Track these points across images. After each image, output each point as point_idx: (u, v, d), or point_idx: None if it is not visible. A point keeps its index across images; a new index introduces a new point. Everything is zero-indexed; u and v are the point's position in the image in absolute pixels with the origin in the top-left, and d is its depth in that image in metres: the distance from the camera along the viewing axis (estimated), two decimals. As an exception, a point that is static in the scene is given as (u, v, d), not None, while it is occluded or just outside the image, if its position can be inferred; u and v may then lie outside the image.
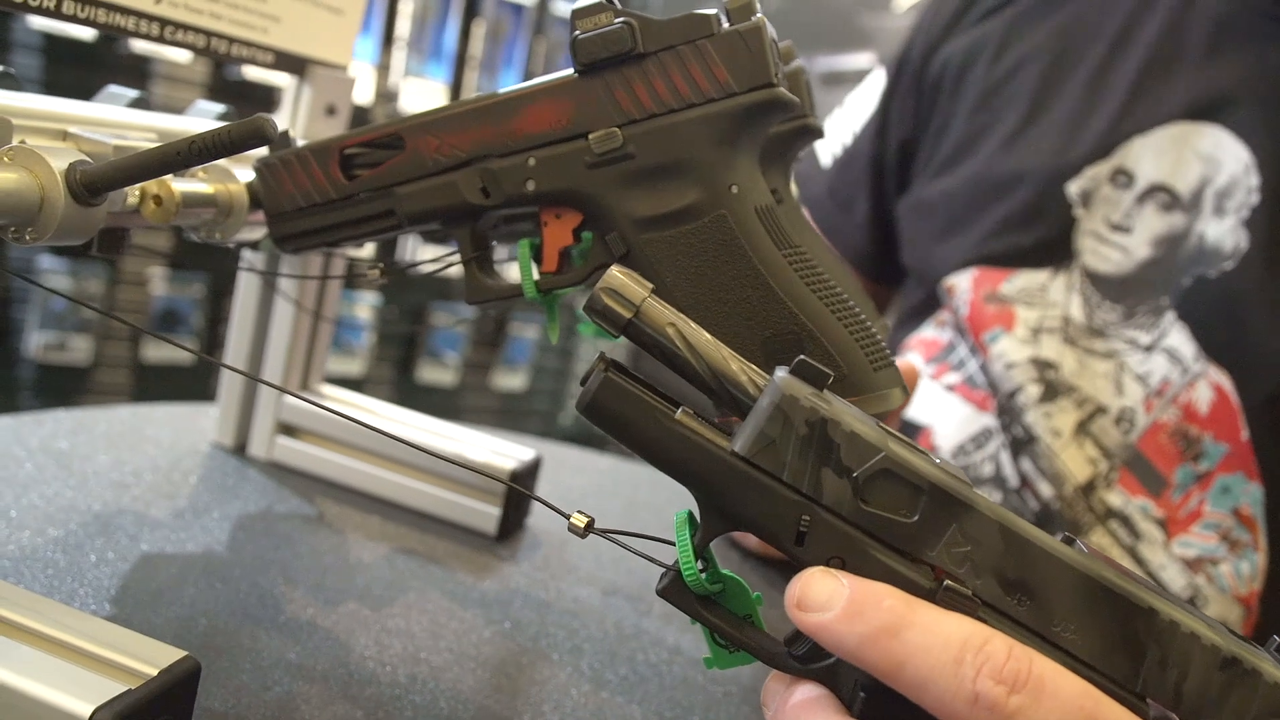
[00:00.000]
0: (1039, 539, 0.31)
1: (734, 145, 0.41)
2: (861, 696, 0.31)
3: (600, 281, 0.32)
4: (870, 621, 0.29)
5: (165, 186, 0.44)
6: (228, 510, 0.61)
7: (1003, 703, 0.28)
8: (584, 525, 0.34)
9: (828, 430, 0.31)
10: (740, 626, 0.34)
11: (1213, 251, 0.71)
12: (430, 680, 0.49)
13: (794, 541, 0.31)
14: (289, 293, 0.68)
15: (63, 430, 0.67)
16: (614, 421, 0.32)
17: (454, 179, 0.44)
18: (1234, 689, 0.30)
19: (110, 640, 0.36)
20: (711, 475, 0.32)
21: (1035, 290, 0.78)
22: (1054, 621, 0.31)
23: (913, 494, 0.31)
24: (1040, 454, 0.75)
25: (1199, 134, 0.73)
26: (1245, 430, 0.67)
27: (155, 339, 1.99)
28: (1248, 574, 0.68)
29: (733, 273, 0.41)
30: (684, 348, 0.32)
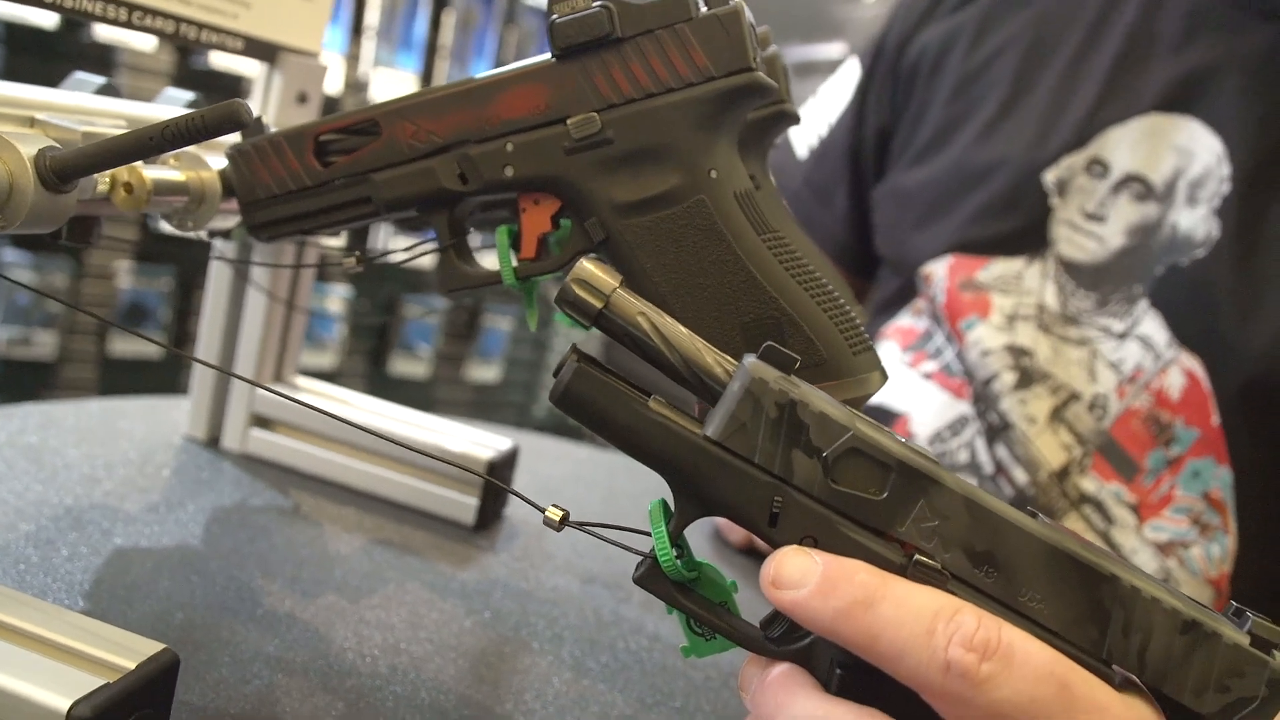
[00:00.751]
0: (1004, 512, 0.31)
1: (713, 130, 0.41)
2: (838, 674, 0.32)
3: (570, 273, 0.32)
4: (844, 596, 0.30)
5: (136, 173, 0.43)
6: (202, 503, 0.60)
7: (974, 670, 0.29)
8: (559, 519, 0.34)
9: (797, 412, 0.31)
10: (716, 612, 0.34)
11: (1185, 240, 0.72)
12: (411, 671, 0.48)
13: (768, 523, 0.32)
14: (261, 283, 0.67)
15: (32, 425, 0.66)
16: (587, 411, 0.32)
17: (431, 165, 0.43)
18: (1196, 652, 0.31)
19: (86, 634, 0.36)
20: (685, 461, 0.32)
21: (1011, 278, 0.78)
22: (1020, 592, 0.31)
23: (881, 472, 0.31)
24: (1015, 440, 0.76)
25: (1173, 125, 0.74)
26: (1216, 415, 0.68)
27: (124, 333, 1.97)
28: (1218, 556, 0.69)
29: (712, 258, 0.41)
30: (655, 337, 0.32)
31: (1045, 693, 0.29)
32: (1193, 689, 0.31)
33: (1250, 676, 0.31)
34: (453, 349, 2.42)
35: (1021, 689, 0.29)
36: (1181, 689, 0.31)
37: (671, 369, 0.33)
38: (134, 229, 1.91)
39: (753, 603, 0.36)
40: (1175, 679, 0.31)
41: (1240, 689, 0.31)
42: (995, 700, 0.29)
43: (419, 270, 2.27)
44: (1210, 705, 0.31)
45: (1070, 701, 0.29)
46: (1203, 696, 0.31)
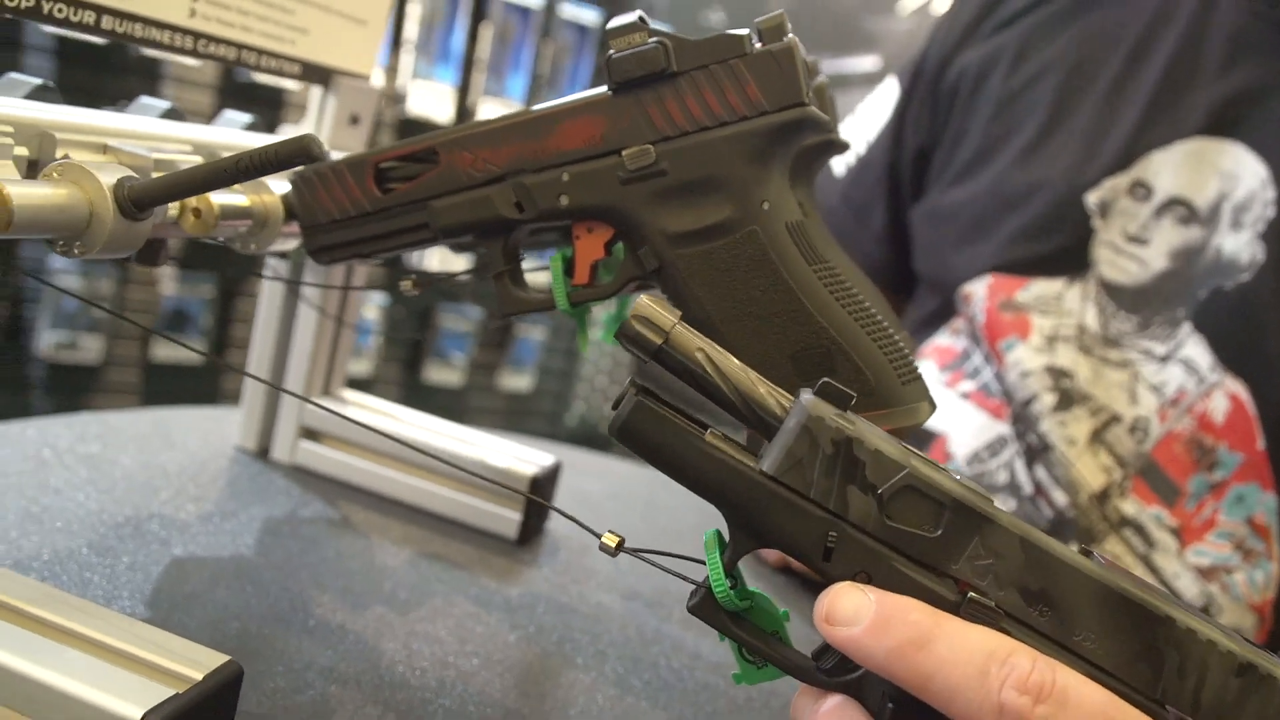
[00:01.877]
0: (1059, 551, 0.32)
1: (766, 162, 0.42)
2: (890, 708, 0.32)
3: (631, 310, 0.33)
4: (897, 635, 0.30)
5: (205, 199, 0.45)
6: (254, 514, 0.62)
7: (1028, 713, 0.29)
8: (615, 545, 0.35)
9: (853, 449, 0.32)
10: (768, 642, 0.35)
11: (1229, 264, 0.72)
12: (459, 684, 0.49)
13: (822, 558, 0.32)
14: (313, 299, 0.69)
15: (90, 434, 0.68)
16: (646, 444, 0.33)
17: (488, 193, 0.45)
18: (1251, 694, 0.31)
19: (154, 645, 0.37)
20: (741, 495, 0.32)
21: (1051, 298, 0.78)
22: (1075, 631, 0.31)
23: (936, 509, 0.32)
24: (1055, 462, 0.76)
25: (1218, 150, 0.74)
26: (1261, 440, 0.68)
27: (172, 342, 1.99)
28: (1261, 583, 0.68)
29: (763, 287, 0.42)
30: (713, 372, 0.33)
31: None
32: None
33: None
34: (486, 358, 2.44)
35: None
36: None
37: (728, 403, 0.33)
38: (178, 237, 1.94)
39: (803, 630, 0.37)
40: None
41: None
42: None
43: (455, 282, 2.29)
44: None
45: None
46: None
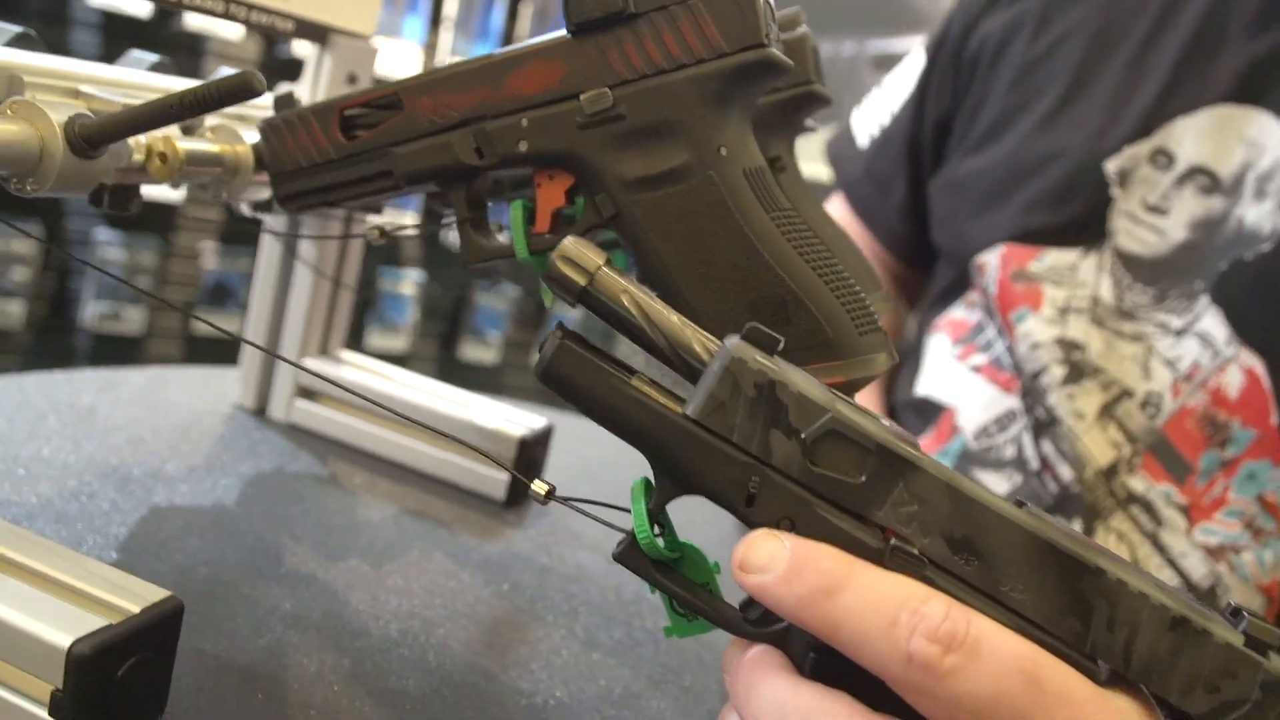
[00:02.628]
0: (987, 499, 0.30)
1: (723, 107, 0.41)
2: (811, 657, 0.31)
3: (555, 250, 0.32)
4: (808, 582, 0.29)
5: (170, 144, 0.45)
6: (242, 468, 0.62)
7: (937, 662, 0.28)
8: (544, 492, 0.35)
9: (776, 392, 0.31)
10: (696, 592, 0.34)
11: (1251, 234, 0.69)
12: (422, 635, 0.49)
13: (745, 503, 0.31)
14: (309, 260, 0.69)
15: (89, 388, 0.69)
16: (570, 387, 0.32)
17: (449, 139, 0.44)
18: (1184, 649, 0.30)
19: (96, 578, 0.37)
20: (664, 438, 0.32)
21: (1064, 269, 0.76)
22: (1002, 581, 0.30)
23: (860, 455, 0.31)
24: (1062, 436, 0.74)
25: (1244, 118, 0.71)
26: (1275, 415, 0.66)
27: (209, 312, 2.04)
28: (1270, 563, 0.66)
29: (719, 235, 0.41)
30: (638, 315, 0.32)
31: (1013, 686, 0.28)
32: (1180, 688, 0.30)
33: (1242, 678, 0.30)
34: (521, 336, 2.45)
35: (987, 682, 0.28)
36: (1168, 687, 0.30)
37: (655, 348, 0.33)
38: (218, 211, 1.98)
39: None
40: (1162, 676, 0.30)
41: (1231, 690, 0.30)
42: (960, 693, 0.28)
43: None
44: (1199, 705, 0.30)
45: (1040, 696, 0.28)
46: (1191, 696, 0.30)
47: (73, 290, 1.90)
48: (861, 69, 2.49)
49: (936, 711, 0.29)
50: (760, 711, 0.31)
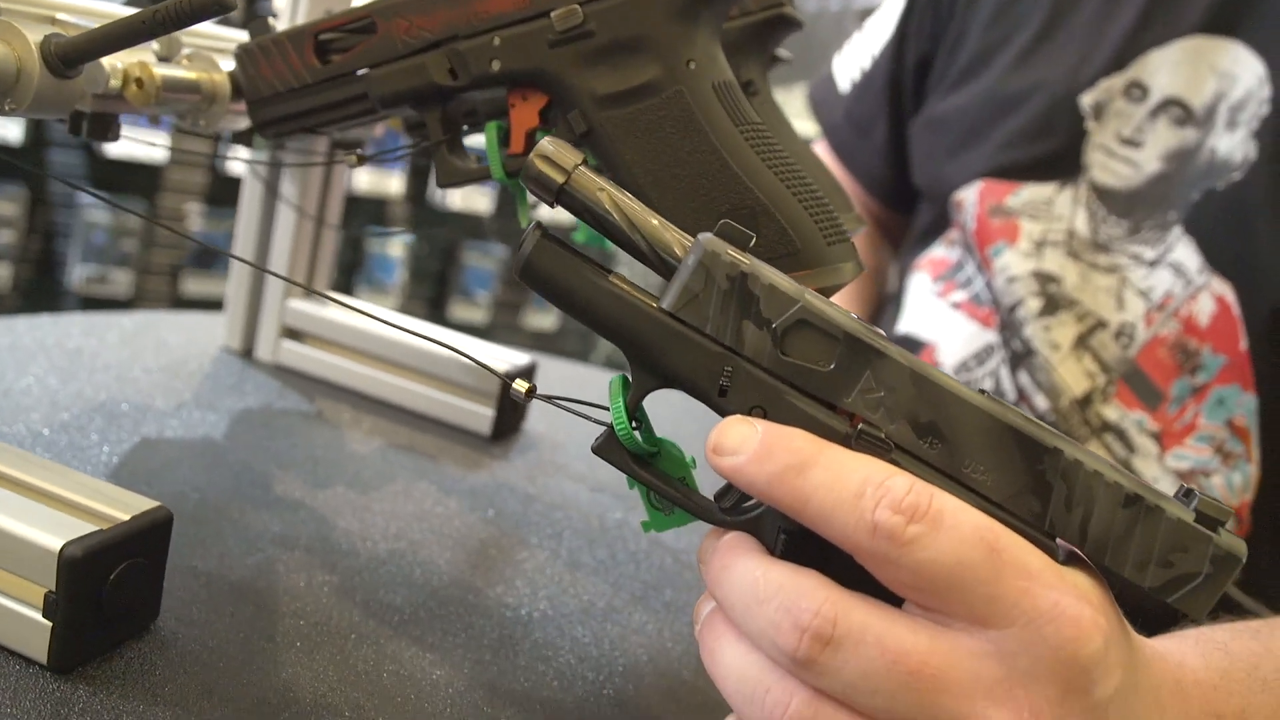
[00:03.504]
0: (949, 385, 0.31)
1: (691, 21, 0.41)
2: (782, 538, 0.32)
3: (534, 150, 0.33)
4: (779, 460, 0.30)
5: (147, 70, 0.46)
6: (229, 404, 0.63)
7: (900, 531, 0.29)
8: (525, 391, 0.36)
9: (747, 283, 0.32)
10: (673, 485, 0.35)
11: (1223, 164, 0.70)
12: (408, 554, 0.51)
13: (718, 393, 0.32)
14: (291, 199, 0.70)
15: (78, 331, 0.70)
16: (548, 283, 0.33)
17: (423, 61, 0.45)
18: (1137, 526, 0.31)
19: (87, 489, 0.39)
20: (640, 331, 0.33)
21: (1041, 203, 0.77)
22: (964, 463, 0.31)
23: (829, 343, 0.32)
24: (1038, 367, 0.75)
25: (1216, 49, 0.71)
26: (1244, 340, 0.67)
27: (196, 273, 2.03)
28: (1239, 485, 0.67)
29: (689, 148, 0.41)
30: (615, 212, 0.33)
31: (973, 556, 0.29)
32: (1134, 563, 0.31)
33: (1194, 553, 0.31)
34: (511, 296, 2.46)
35: (948, 551, 0.29)
36: (1123, 562, 0.31)
37: (632, 245, 0.33)
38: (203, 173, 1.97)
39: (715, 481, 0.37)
40: (1117, 552, 0.31)
41: (1184, 565, 0.31)
42: (921, 561, 0.29)
43: (478, 217, 2.30)
44: (1153, 580, 0.31)
45: (998, 565, 0.29)
46: (1145, 571, 0.31)
47: (59, 253, 1.90)
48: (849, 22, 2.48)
49: (899, 580, 0.30)
50: (732, 591, 0.32)
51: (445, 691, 0.41)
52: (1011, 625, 0.29)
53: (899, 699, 0.29)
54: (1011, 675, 0.29)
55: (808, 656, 0.29)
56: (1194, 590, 0.31)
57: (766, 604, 0.30)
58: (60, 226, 1.88)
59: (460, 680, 0.42)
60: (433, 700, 0.40)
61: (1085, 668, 0.29)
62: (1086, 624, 0.29)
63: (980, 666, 0.29)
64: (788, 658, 0.30)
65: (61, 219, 1.89)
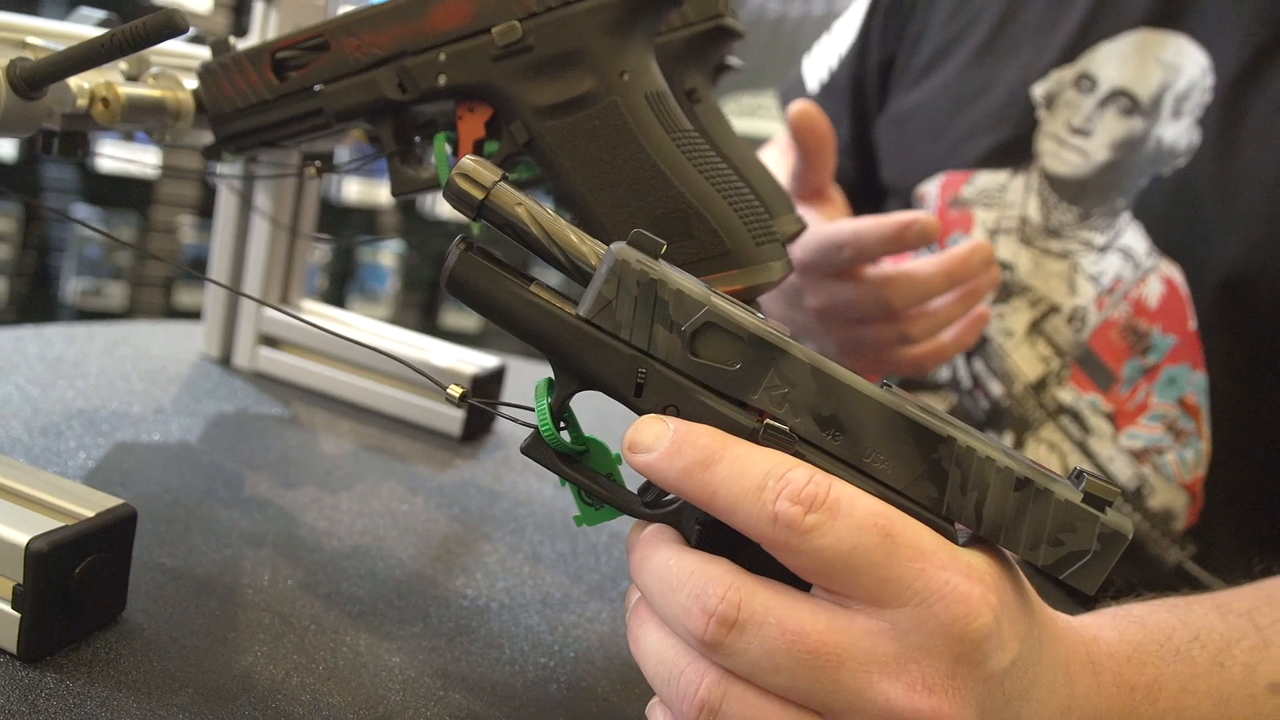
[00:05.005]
0: (849, 379, 0.33)
1: (624, 35, 0.44)
2: (697, 529, 0.34)
3: (455, 168, 0.35)
4: (687, 456, 0.32)
5: (112, 89, 0.48)
6: (205, 410, 0.65)
7: (799, 521, 0.31)
8: (459, 395, 0.38)
9: (657, 290, 0.34)
10: (599, 481, 0.37)
11: (1169, 151, 0.72)
12: (372, 549, 0.53)
13: (634, 394, 0.35)
14: (264, 210, 0.72)
15: (60, 340, 0.72)
16: (472, 293, 0.35)
17: (374, 76, 0.47)
18: (1029, 508, 0.33)
19: (54, 488, 0.41)
20: (559, 337, 0.35)
21: (994, 190, 0.79)
22: (865, 453, 0.33)
23: (735, 344, 0.34)
24: (991, 354, 0.77)
25: (1161, 42, 0.74)
26: (1193, 320, 0.69)
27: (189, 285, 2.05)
28: (1192, 461, 0.69)
29: (625, 156, 0.43)
30: (533, 225, 0.35)
31: (867, 540, 0.31)
32: (1027, 543, 0.33)
33: (1082, 531, 0.33)
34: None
35: (844, 537, 0.31)
36: (1016, 543, 0.33)
37: (551, 256, 0.35)
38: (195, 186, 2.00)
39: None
40: (1010, 534, 0.33)
41: (1073, 543, 0.33)
42: (820, 548, 0.31)
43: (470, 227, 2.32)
44: (1045, 558, 0.33)
45: (892, 549, 0.31)
46: (1037, 550, 0.33)
47: (53, 267, 1.92)
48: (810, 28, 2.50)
49: (802, 566, 0.32)
50: (650, 579, 0.34)
51: (399, 676, 0.43)
52: (905, 604, 0.31)
53: (800, 676, 0.31)
54: (905, 651, 0.31)
55: (714, 639, 0.31)
56: (1083, 567, 0.33)
57: (679, 591, 0.32)
58: (54, 241, 1.91)
59: (414, 666, 0.44)
60: (386, 684, 0.42)
61: (975, 642, 0.31)
62: (976, 601, 0.31)
63: (875, 644, 0.31)
64: (698, 640, 0.32)
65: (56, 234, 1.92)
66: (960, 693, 0.31)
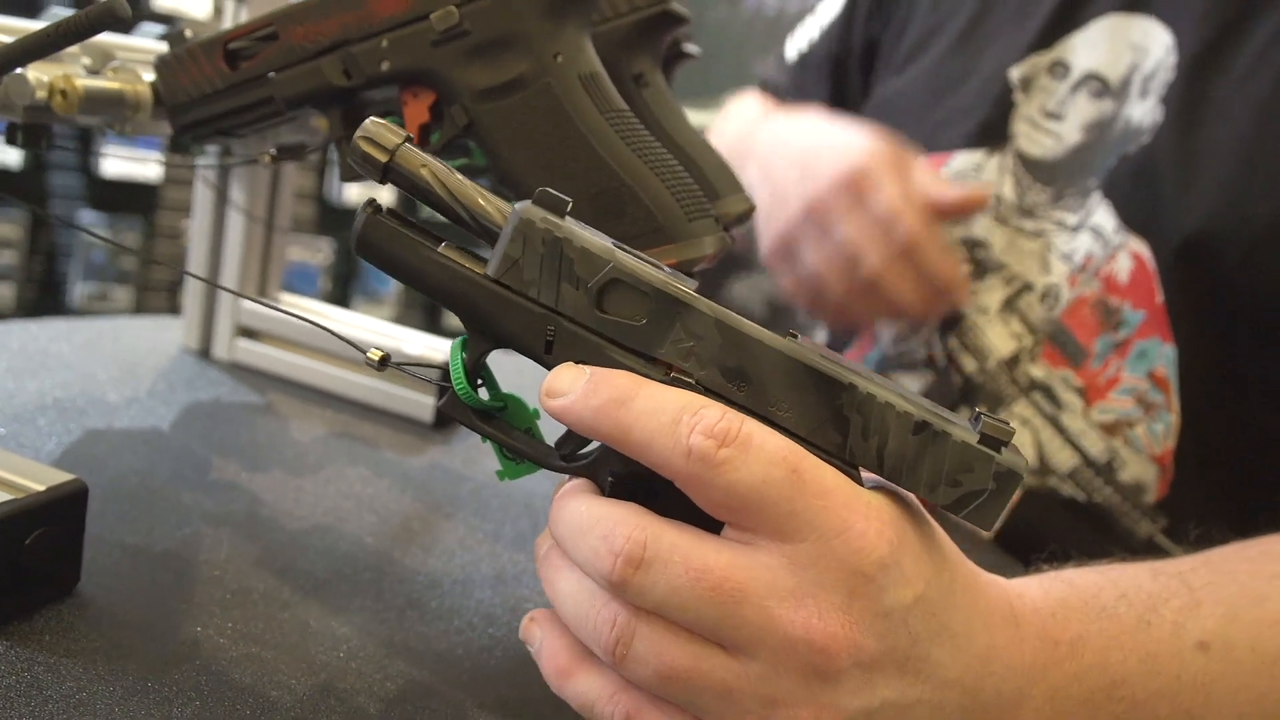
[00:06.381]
0: (753, 331, 0.34)
1: (558, 18, 0.45)
2: (610, 480, 0.36)
3: (357, 131, 0.36)
4: (603, 395, 0.33)
5: (69, 82, 0.49)
6: (180, 399, 0.67)
7: (712, 454, 0.32)
8: (379, 359, 0.39)
9: (562, 248, 0.35)
10: (517, 437, 0.38)
11: (1135, 130, 0.73)
12: (333, 528, 0.54)
13: (544, 350, 0.36)
14: (239, 203, 0.73)
15: (45, 335, 0.74)
16: (381, 255, 0.36)
17: (320, 64, 0.48)
18: (927, 450, 0.34)
19: (8, 466, 0.42)
20: (469, 297, 0.36)
21: (970, 170, 0.80)
22: (770, 403, 0.34)
23: (641, 299, 0.35)
24: (966, 330, 0.78)
25: (1130, 25, 0.75)
26: (1160, 293, 0.70)
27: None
28: (1162, 433, 0.70)
29: (559, 136, 0.44)
30: (438, 187, 0.36)
31: (776, 475, 0.32)
32: (927, 484, 0.34)
33: (979, 471, 0.34)
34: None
35: (755, 471, 0.32)
36: (917, 484, 0.34)
37: (457, 217, 0.36)
38: (199, 189, 2.02)
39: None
40: (911, 475, 0.34)
41: (970, 483, 0.34)
42: (732, 481, 0.32)
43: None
44: (944, 499, 0.34)
45: (800, 484, 0.32)
46: (936, 491, 0.34)
47: (60, 272, 1.95)
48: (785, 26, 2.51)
49: (712, 501, 0.33)
50: (562, 525, 0.35)
51: (344, 646, 0.44)
52: (805, 539, 0.32)
53: (705, 611, 0.32)
54: (802, 585, 0.32)
55: (621, 578, 0.33)
56: (980, 506, 0.34)
57: (589, 534, 0.34)
58: (61, 246, 1.94)
59: (360, 637, 0.45)
60: (330, 653, 0.43)
61: (870, 576, 0.32)
62: (872, 536, 0.32)
63: (775, 578, 0.32)
64: (606, 580, 0.33)
65: (62, 239, 1.95)
66: (857, 624, 0.32)
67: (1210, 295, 0.67)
